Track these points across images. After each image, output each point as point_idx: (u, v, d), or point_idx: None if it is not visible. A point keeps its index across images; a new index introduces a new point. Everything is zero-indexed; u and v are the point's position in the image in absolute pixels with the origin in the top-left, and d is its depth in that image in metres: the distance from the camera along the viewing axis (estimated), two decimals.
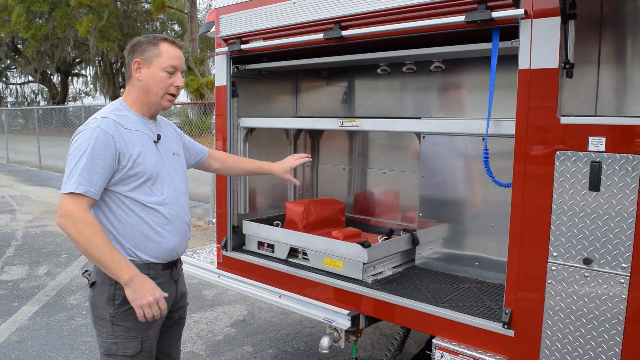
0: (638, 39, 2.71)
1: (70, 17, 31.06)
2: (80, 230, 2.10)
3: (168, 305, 2.48)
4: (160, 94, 2.35)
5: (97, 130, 2.20)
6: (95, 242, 2.12)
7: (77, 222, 2.11)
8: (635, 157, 2.05)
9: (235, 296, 5.74)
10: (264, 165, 3.16)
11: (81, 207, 2.13)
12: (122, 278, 2.16)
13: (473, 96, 3.54)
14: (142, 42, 2.36)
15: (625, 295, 2.11)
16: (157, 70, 2.32)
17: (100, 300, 2.29)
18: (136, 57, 2.34)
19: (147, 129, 2.39)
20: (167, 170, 2.42)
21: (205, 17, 24.77)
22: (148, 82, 2.33)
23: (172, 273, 2.48)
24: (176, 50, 2.37)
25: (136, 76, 2.35)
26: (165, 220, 2.37)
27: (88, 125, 2.24)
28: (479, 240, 3.24)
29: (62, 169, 17.37)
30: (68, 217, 2.12)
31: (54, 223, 9.05)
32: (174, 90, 2.38)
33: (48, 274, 6.54)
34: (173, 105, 2.49)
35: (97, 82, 38.84)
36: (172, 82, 2.36)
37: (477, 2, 2.34)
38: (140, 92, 2.37)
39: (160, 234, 2.35)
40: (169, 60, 2.33)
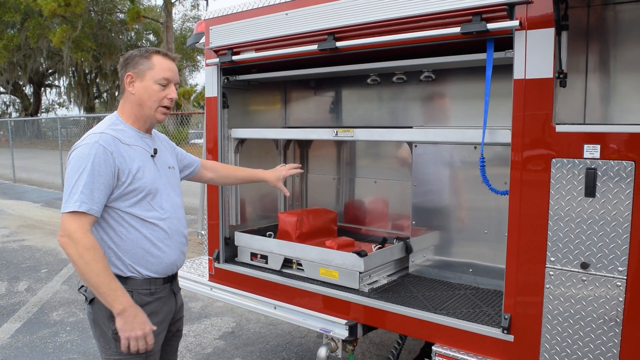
0: (623, 48, 2.81)
1: (43, 28, 30.57)
2: (81, 254, 2.07)
3: (168, 318, 2.46)
4: (154, 107, 2.32)
5: (96, 147, 2.17)
6: (94, 268, 2.09)
7: (79, 244, 2.07)
8: (629, 163, 2.12)
9: (222, 308, 5.68)
10: (257, 172, 3.16)
11: (83, 228, 2.10)
12: (116, 308, 2.13)
13: (462, 105, 3.60)
14: (134, 56, 2.33)
15: (622, 298, 2.16)
16: (150, 83, 2.30)
17: (101, 317, 2.26)
18: (129, 70, 2.32)
19: (144, 144, 2.37)
20: (164, 185, 2.40)
21: (180, 27, 24.22)
22: (141, 95, 2.31)
23: (172, 286, 2.47)
24: (169, 63, 2.35)
25: (129, 90, 2.32)
26: (165, 235, 2.35)
27: (85, 141, 2.21)
28: (472, 247, 3.28)
29: (36, 181, 17.05)
30: (70, 237, 2.08)
31: (32, 237, 8.81)
32: (167, 103, 2.35)
33: (28, 289, 6.38)
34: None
35: (71, 93, 38.21)
36: (166, 94, 2.33)
37: (472, 14, 2.40)
38: (134, 106, 2.34)
39: (161, 248, 2.33)
40: (161, 73, 2.31)
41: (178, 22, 38.91)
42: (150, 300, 2.33)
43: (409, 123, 3.82)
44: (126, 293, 2.16)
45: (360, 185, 4.27)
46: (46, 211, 11.99)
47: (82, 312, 5.58)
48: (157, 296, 2.35)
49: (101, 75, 36.99)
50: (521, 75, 2.33)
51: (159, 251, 2.33)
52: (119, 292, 2.13)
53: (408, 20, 2.58)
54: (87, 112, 36.71)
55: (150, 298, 2.33)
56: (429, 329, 2.72)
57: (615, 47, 2.83)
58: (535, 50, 2.28)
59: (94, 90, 39.63)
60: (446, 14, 2.46)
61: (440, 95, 3.69)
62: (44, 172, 18.72)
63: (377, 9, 2.68)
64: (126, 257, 2.27)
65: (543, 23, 2.27)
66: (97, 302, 2.26)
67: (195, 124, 24.30)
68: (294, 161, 4.52)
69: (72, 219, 2.09)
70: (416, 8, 2.53)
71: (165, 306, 2.42)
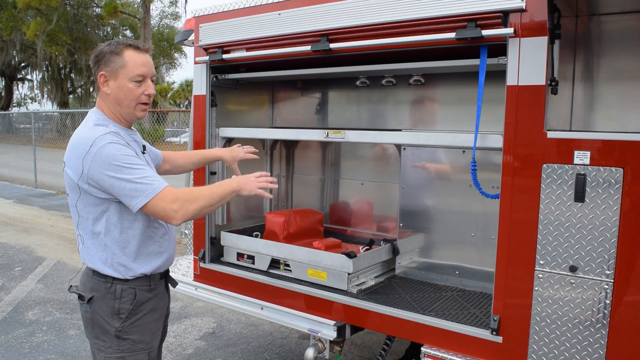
0: (608, 57, 2.89)
1: (16, 20, 29.84)
2: (194, 201, 2.16)
3: (164, 314, 2.48)
4: (132, 105, 2.27)
5: (114, 144, 2.13)
6: (207, 194, 2.21)
7: (185, 201, 2.14)
8: (617, 169, 2.18)
9: (202, 308, 5.64)
10: (212, 151, 3.13)
11: (170, 192, 2.13)
12: (233, 188, 2.30)
13: (450, 110, 3.65)
14: (104, 53, 2.23)
15: (610, 301, 2.22)
16: (125, 82, 2.22)
17: (102, 316, 2.23)
18: (101, 69, 2.23)
19: (133, 141, 2.34)
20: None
21: (157, 24, 24.16)
22: (117, 94, 2.24)
23: (166, 281, 2.48)
24: (141, 56, 2.26)
25: (104, 90, 2.25)
26: (164, 230, 2.36)
27: (97, 145, 2.10)
28: (459, 249, 3.33)
29: (7, 177, 16.63)
30: (181, 207, 2.12)
31: (5, 234, 8.60)
32: (145, 99, 2.29)
33: (2, 288, 6.22)
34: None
35: (45, 87, 37.36)
36: (142, 90, 2.26)
37: (467, 20, 2.43)
38: (112, 105, 2.28)
39: (161, 244, 2.34)
40: (135, 70, 2.22)
41: (156, 19, 38.43)
42: (150, 296, 2.33)
43: (396, 126, 3.85)
44: (220, 182, 2.34)
45: (347, 186, 4.29)
46: (19, 207, 11.71)
47: (59, 311, 5.47)
48: (156, 292, 2.36)
49: (76, 70, 36.26)
50: (514, 82, 2.37)
51: (159, 247, 2.33)
52: (221, 188, 2.28)
53: (403, 24, 2.60)
54: (61, 107, 35.94)
55: (150, 294, 2.33)
56: (418, 330, 2.74)
57: (602, 57, 2.90)
58: (529, 58, 2.33)
59: (68, 85, 38.80)
60: (441, 19, 2.49)
61: (429, 99, 3.73)
62: (15, 167, 18.29)
63: (373, 11, 2.69)
64: (130, 260, 2.24)
65: (536, 31, 2.31)
66: (96, 300, 2.24)
67: (171, 122, 24.05)
68: (280, 162, 4.51)
69: (157, 201, 2.11)
70: (412, 12, 2.55)
71: (162, 302, 2.43)
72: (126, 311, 2.22)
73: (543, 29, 2.29)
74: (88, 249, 2.25)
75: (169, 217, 2.12)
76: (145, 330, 2.31)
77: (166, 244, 2.37)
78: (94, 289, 2.24)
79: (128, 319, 2.23)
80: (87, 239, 2.23)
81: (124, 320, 2.23)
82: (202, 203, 2.17)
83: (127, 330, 2.24)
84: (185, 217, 2.13)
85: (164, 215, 2.12)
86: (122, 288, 2.24)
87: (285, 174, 4.55)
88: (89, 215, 2.19)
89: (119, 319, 2.22)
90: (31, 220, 10.30)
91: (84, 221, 2.22)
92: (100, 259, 2.22)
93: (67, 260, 7.42)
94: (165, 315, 2.57)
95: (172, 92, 34.42)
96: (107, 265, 2.22)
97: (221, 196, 2.25)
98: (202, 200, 2.17)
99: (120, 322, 2.22)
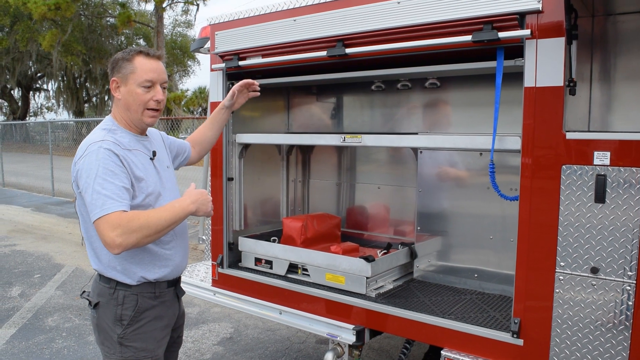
0: (626, 57, 2.87)
1: (32, 31, 30.34)
2: (137, 230, 2.02)
3: (172, 323, 2.46)
4: (139, 110, 2.27)
5: (101, 151, 2.13)
6: (153, 222, 2.07)
7: (127, 229, 2.00)
8: (638, 170, 2.16)
9: (220, 313, 5.66)
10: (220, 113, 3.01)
11: (117, 217, 2.02)
12: (187, 209, 2.19)
13: (466, 112, 3.64)
14: (118, 59, 2.28)
15: (632, 302, 2.20)
16: (134, 87, 2.24)
17: (106, 322, 2.25)
18: (114, 75, 2.28)
19: (143, 147, 2.34)
20: (165, 186, 2.38)
21: (170, 32, 24.11)
22: (127, 99, 2.26)
23: (176, 290, 2.46)
24: (152, 63, 2.27)
25: (116, 95, 2.30)
26: (170, 237, 2.33)
27: (88, 151, 2.15)
28: (477, 252, 3.32)
29: (25, 186, 16.87)
30: (121, 235, 2.00)
31: (24, 242, 8.71)
32: (153, 105, 2.28)
33: (22, 295, 6.31)
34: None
35: (60, 96, 37.90)
36: (151, 96, 2.26)
37: (483, 23, 2.43)
38: (123, 111, 2.30)
39: (168, 251, 2.32)
40: (143, 75, 2.24)
41: (168, 27, 38.84)
42: (155, 303, 2.31)
43: (412, 129, 3.85)
44: (174, 204, 2.19)
45: (363, 190, 4.29)
46: (37, 216, 11.87)
47: (78, 317, 5.53)
48: (162, 299, 2.33)
49: (91, 79, 36.77)
50: (532, 83, 2.37)
51: (166, 254, 2.32)
52: (173, 212, 2.15)
53: (419, 28, 2.61)
54: (77, 116, 36.39)
55: (155, 301, 2.31)
56: (437, 333, 2.74)
57: (619, 57, 2.89)
58: (546, 59, 2.32)
59: (84, 94, 39.30)
60: (457, 22, 2.50)
61: (445, 102, 3.73)
62: (33, 176, 18.52)
63: (388, 16, 2.70)
64: (133, 266, 2.24)
65: (553, 32, 2.31)
66: (101, 306, 2.25)
67: (185, 129, 24.24)
68: (296, 167, 4.53)
69: (105, 223, 2.02)
70: (428, 16, 2.56)
71: (170, 310, 2.41)
72: (128, 318, 2.22)
73: (560, 30, 2.29)
74: (92, 251, 2.27)
75: (107, 244, 2.02)
76: (148, 338, 2.29)
77: (173, 251, 2.35)
78: (100, 294, 2.26)
79: (130, 326, 2.23)
80: (90, 241, 2.25)
81: (126, 327, 2.22)
82: (145, 232, 2.03)
83: (130, 338, 2.23)
84: (125, 246, 2.01)
85: (103, 240, 2.03)
86: (124, 294, 2.24)
87: (301, 179, 4.57)
88: (87, 219, 2.19)
89: (121, 325, 2.22)
90: (49, 227, 10.44)
91: (85, 224, 2.24)
92: (102, 261, 2.24)
93: (85, 267, 7.50)
94: (179, 325, 2.57)
95: (185, 99, 34.69)
96: (111, 268, 2.24)
97: (172, 220, 2.12)
98: (146, 230, 2.03)
99: (122, 329, 2.22)
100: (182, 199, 2.22)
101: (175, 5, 32.96)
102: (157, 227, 2.08)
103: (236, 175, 3.78)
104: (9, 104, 43.09)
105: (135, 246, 2.05)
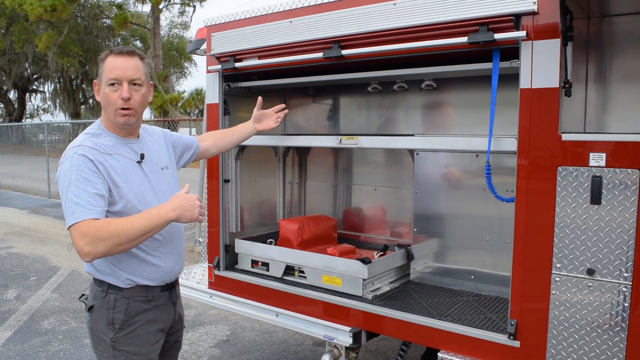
0: (621, 58, 2.87)
1: (28, 32, 30.26)
2: (106, 239, 1.97)
3: (166, 327, 2.42)
4: (111, 111, 2.22)
5: (75, 157, 2.11)
6: (124, 230, 1.99)
7: (95, 237, 1.97)
8: (634, 171, 2.16)
9: (216, 316, 5.65)
10: (244, 125, 3.11)
11: (85, 226, 2.00)
12: (169, 217, 2.07)
13: (462, 114, 3.65)
14: (98, 61, 2.27)
15: (628, 303, 2.20)
16: (104, 87, 2.21)
17: (99, 325, 2.23)
18: (96, 78, 2.27)
19: (128, 150, 2.28)
20: (154, 190, 2.31)
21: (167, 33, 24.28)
22: (102, 101, 2.24)
23: (170, 295, 2.42)
24: (118, 60, 2.18)
25: (97, 98, 2.30)
26: (158, 243, 2.29)
27: (65, 157, 2.15)
28: (474, 254, 3.32)
29: (21, 188, 16.81)
30: (89, 243, 1.97)
31: (20, 244, 8.67)
32: (121, 104, 2.18)
33: (18, 297, 6.28)
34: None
35: (57, 98, 37.81)
36: (118, 95, 2.18)
37: (479, 24, 2.44)
38: (103, 113, 2.28)
39: (155, 257, 2.29)
40: (109, 74, 2.18)
41: (165, 29, 38.78)
42: (147, 307, 2.29)
43: (409, 131, 3.86)
44: (152, 212, 2.09)
45: (360, 192, 4.29)
46: (33, 218, 11.82)
47: (74, 320, 5.51)
48: (155, 304, 2.31)
49: (87, 80, 36.63)
50: (527, 85, 2.37)
51: (153, 260, 2.28)
52: (150, 220, 2.05)
53: (415, 30, 2.62)
54: (73, 118, 36.30)
55: (147, 305, 2.29)
56: (434, 335, 2.73)
57: (614, 58, 2.89)
58: (542, 60, 2.33)
59: (80, 96, 39.17)
60: (453, 24, 2.50)
61: (441, 104, 3.73)
62: (29, 178, 18.47)
63: (384, 17, 2.71)
64: (121, 268, 2.22)
65: (549, 33, 2.31)
66: (95, 310, 2.24)
67: (182, 130, 24.24)
68: (293, 168, 4.53)
69: (77, 231, 2.00)
70: (424, 17, 2.56)
71: (164, 314, 2.38)
72: (119, 321, 2.21)
73: (555, 31, 2.29)
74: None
75: (79, 252, 1.99)
76: (141, 342, 2.26)
77: (162, 257, 2.31)
78: (94, 297, 2.25)
79: (122, 330, 2.21)
80: None
81: (118, 330, 2.21)
82: (115, 241, 1.97)
83: (122, 342, 2.21)
84: (94, 255, 1.98)
85: (76, 248, 2.00)
86: (115, 298, 2.22)
87: (298, 180, 4.56)
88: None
89: (113, 329, 2.21)
90: (45, 230, 10.40)
91: None
92: (94, 264, 2.22)
93: (81, 269, 7.47)
94: (177, 329, 2.54)
95: (182, 101, 34.64)
96: (100, 272, 2.23)
97: (146, 229, 2.03)
98: (115, 238, 1.97)
99: (114, 333, 2.21)
100: (162, 206, 2.12)
101: (171, 6, 32.88)
102: (129, 235, 2.00)
103: (233, 177, 3.78)
104: (5, 105, 42.96)
105: (107, 254, 2.01)
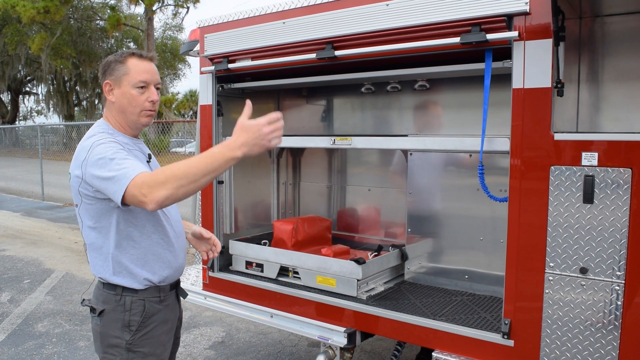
0: (613, 58, 2.89)
1: (21, 34, 30.13)
2: (164, 182, 1.88)
3: (174, 326, 2.45)
4: (136, 112, 2.24)
5: (105, 141, 2.10)
6: (183, 171, 1.88)
7: (153, 182, 1.89)
8: (625, 170, 2.18)
9: (211, 317, 5.63)
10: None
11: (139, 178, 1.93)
12: (236, 153, 1.89)
13: (455, 114, 3.65)
14: (110, 62, 2.26)
15: (621, 302, 2.22)
16: (128, 89, 2.22)
17: (112, 328, 2.22)
18: (107, 78, 2.25)
19: (140, 149, 2.34)
20: None
21: (160, 35, 24.29)
22: (121, 102, 2.24)
23: (177, 292, 2.46)
24: (145, 64, 2.25)
25: (109, 98, 2.27)
26: (173, 239, 2.32)
27: (94, 145, 2.10)
28: (468, 253, 3.33)
29: (15, 190, 16.72)
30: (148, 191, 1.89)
31: (13, 247, 8.60)
32: (149, 106, 2.26)
33: (11, 300, 6.24)
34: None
35: (50, 100, 37.66)
36: (146, 97, 2.24)
37: (471, 25, 2.44)
38: (117, 114, 2.28)
39: (170, 252, 2.31)
40: (137, 76, 2.21)
41: (159, 31, 38.69)
42: (160, 308, 2.31)
43: (402, 131, 3.86)
44: (213, 150, 1.93)
45: (354, 193, 4.30)
46: (26, 220, 11.76)
47: (68, 323, 5.48)
48: (166, 303, 2.33)
49: (81, 82, 36.54)
50: (520, 85, 2.38)
51: (168, 256, 2.30)
52: (210, 158, 1.90)
53: (408, 30, 2.62)
54: (67, 120, 36.15)
55: (160, 306, 2.31)
56: (428, 335, 2.74)
57: (606, 58, 2.91)
58: (534, 60, 2.34)
59: (74, 98, 39.04)
60: (446, 25, 2.51)
61: (434, 104, 3.74)
62: (22, 180, 18.38)
63: (377, 18, 2.71)
64: (138, 269, 2.23)
65: (541, 34, 2.32)
66: (107, 313, 2.23)
67: (176, 132, 24.18)
68: (286, 169, 4.53)
69: (135, 186, 1.93)
70: (416, 18, 2.57)
71: (172, 313, 2.41)
72: (136, 323, 2.21)
73: (547, 32, 2.30)
74: (94, 258, 2.25)
75: (141, 202, 1.92)
76: (156, 343, 2.29)
77: (175, 252, 2.34)
78: (105, 301, 2.24)
79: (139, 332, 2.22)
80: (92, 248, 2.24)
81: (135, 332, 2.21)
82: (175, 184, 1.86)
83: (138, 343, 2.22)
84: (156, 202, 1.88)
85: (137, 202, 1.94)
86: (131, 300, 2.23)
87: (292, 181, 4.56)
88: (92, 224, 2.19)
89: (130, 331, 2.21)
90: (39, 232, 10.34)
91: (87, 230, 2.22)
92: (105, 267, 2.22)
93: (75, 272, 7.44)
94: (177, 327, 2.55)
95: (176, 102, 34.59)
96: (115, 274, 2.22)
97: (208, 170, 1.89)
98: (173, 181, 1.87)
99: (130, 335, 2.21)
100: (227, 143, 1.92)
101: (165, 8, 32.83)
102: (189, 177, 1.88)
103: (226, 178, 3.77)
104: None
105: (170, 198, 1.89)
